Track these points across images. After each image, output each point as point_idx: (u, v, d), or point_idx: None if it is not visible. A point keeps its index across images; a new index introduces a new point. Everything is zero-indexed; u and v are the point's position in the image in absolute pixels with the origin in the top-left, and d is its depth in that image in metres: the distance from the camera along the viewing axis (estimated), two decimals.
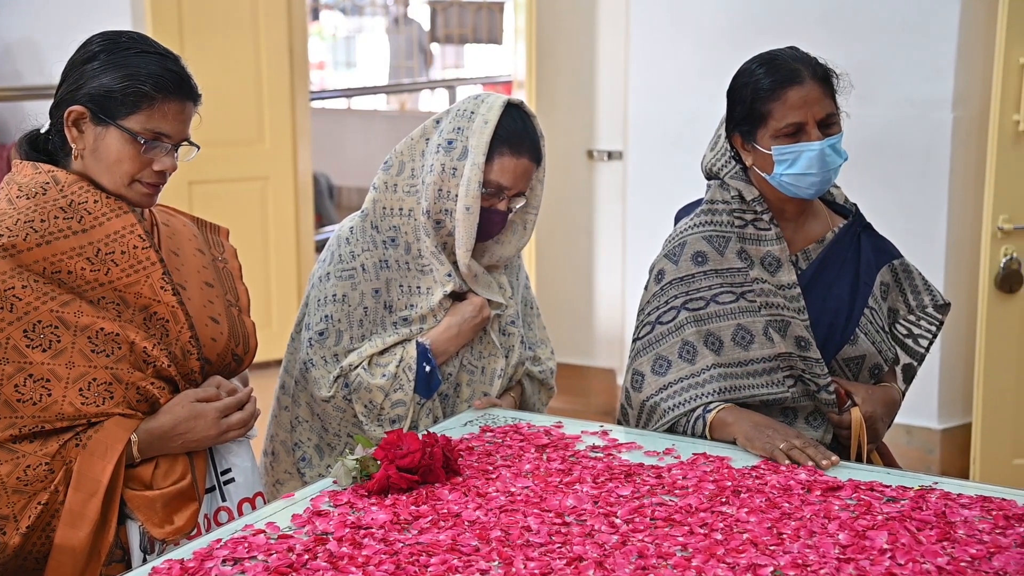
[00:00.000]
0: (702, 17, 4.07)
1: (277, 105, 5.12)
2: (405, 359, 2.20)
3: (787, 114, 2.07)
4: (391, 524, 1.66)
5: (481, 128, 2.15)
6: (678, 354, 2.13)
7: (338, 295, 2.21)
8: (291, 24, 5.09)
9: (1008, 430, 3.64)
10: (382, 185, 2.26)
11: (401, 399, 2.20)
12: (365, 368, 2.19)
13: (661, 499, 1.75)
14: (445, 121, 2.22)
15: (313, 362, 2.21)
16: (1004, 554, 1.53)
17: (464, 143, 2.16)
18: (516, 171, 2.17)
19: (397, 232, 2.24)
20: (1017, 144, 3.48)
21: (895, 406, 2.21)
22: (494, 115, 2.16)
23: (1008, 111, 3.46)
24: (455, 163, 2.17)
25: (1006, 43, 3.42)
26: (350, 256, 2.22)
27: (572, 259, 4.71)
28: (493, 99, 2.20)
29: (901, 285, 2.25)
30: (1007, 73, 3.43)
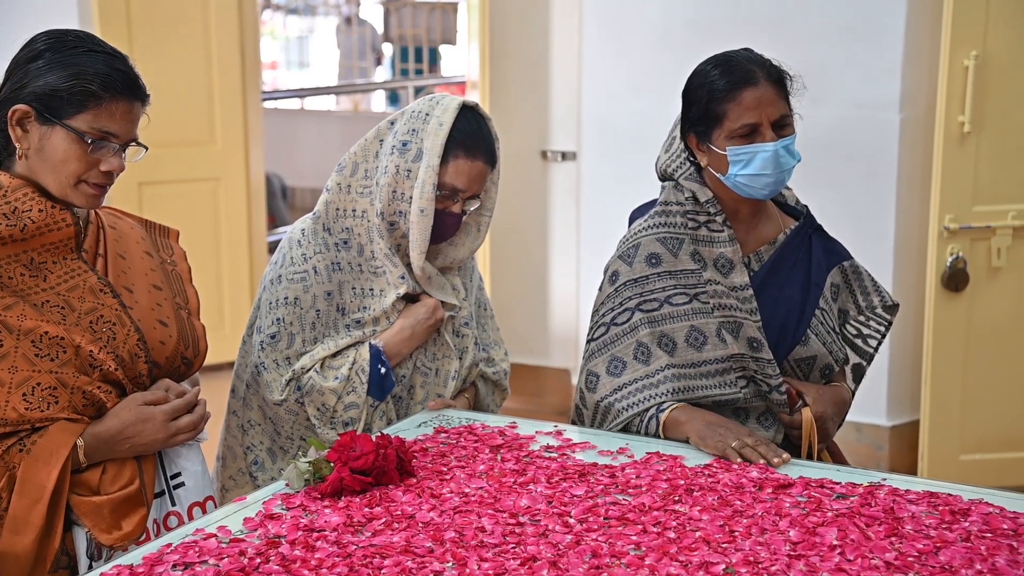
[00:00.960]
0: (655, 18, 4.10)
1: (228, 105, 5.08)
2: (358, 361, 2.19)
3: (742, 115, 2.08)
4: (344, 526, 1.65)
5: (436, 130, 2.14)
6: (632, 355, 2.14)
7: (290, 298, 2.19)
8: (242, 23, 5.05)
9: (955, 426, 3.70)
10: (335, 187, 2.25)
11: (354, 402, 2.19)
12: (317, 371, 2.18)
13: (615, 498, 1.76)
14: (400, 123, 2.21)
15: (265, 365, 2.19)
16: (950, 548, 1.55)
17: (419, 145, 2.16)
18: (471, 173, 2.17)
19: (350, 234, 2.23)
20: (962, 145, 3.54)
21: (845, 406, 2.24)
22: (449, 117, 2.15)
23: (953, 112, 3.51)
24: (409, 165, 2.16)
25: (951, 45, 3.47)
26: (302, 259, 2.21)
27: (526, 259, 4.72)
28: (448, 101, 2.19)
29: (851, 286, 2.28)
30: (952, 75, 3.49)
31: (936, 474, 3.66)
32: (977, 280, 3.62)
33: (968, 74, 3.47)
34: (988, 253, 3.61)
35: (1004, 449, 3.73)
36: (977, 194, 3.58)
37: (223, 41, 5.02)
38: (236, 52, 5.05)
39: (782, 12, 3.85)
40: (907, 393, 3.91)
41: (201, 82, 5.00)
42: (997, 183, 3.58)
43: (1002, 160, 3.57)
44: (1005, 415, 3.72)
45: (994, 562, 1.51)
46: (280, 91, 9.07)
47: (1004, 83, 3.52)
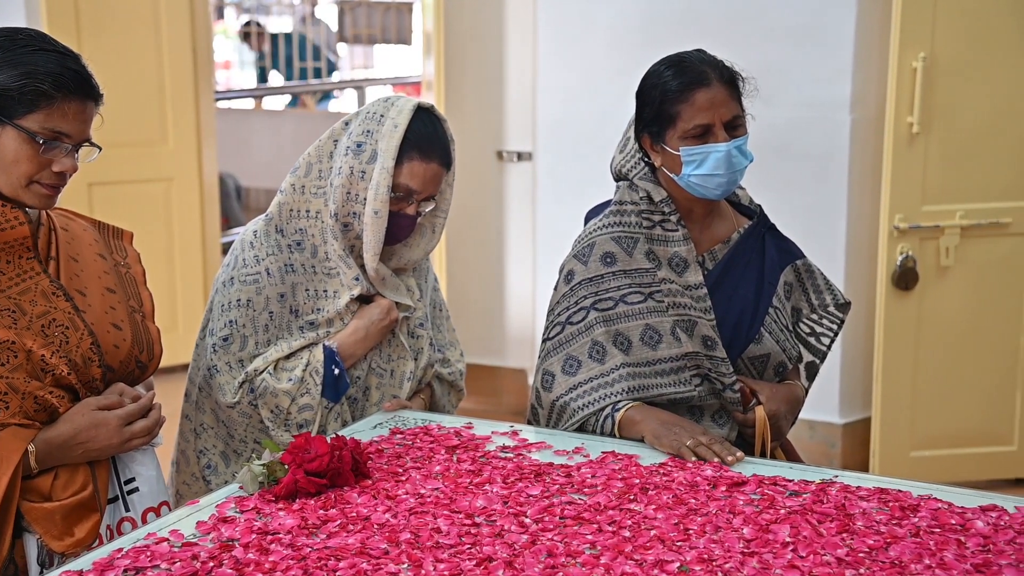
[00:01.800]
0: (609, 19, 4.11)
1: (181, 105, 5.03)
2: (312, 363, 2.18)
3: (695, 116, 2.10)
4: (299, 529, 1.64)
5: (391, 132, 2.14)
6: (588, 354, 2.15)
7: (242, 300, 2.18)
8: (194, 22, 5.00)
9: (905, 423, 3.75)
10: (289, 188, 2.23)
11: (308, 403, 2.18)
12: (271, 373, 2.17)
13: (570, 498, 1.76)
14: (354, 124, 2.20)
15: (217, 368, 2.18)
16: (900, 544, 1.57)
17: (373, 146, 2.15)
18: (425, 176, 2.17)
19: (303, 235, 2.22)
20: (911, 145, 3.59)
21: (798, 404, 2.26)
22: (404, 119, 2.15)
23: (903, 113, 3.56)
24: (364, 166, 2.15)
25: (900, 47, 3.52)
26: (254, 260, 2.20)
27: (482, 260, 4.72)
28: (403, 102, 2.19)
29: (804, 285, 2.30)
30: (901, 76, 3.53)
31: (887, 471, 3.70)
32: (926, 279, 3.67)
33: (916, 75, 3.52)
34: (937, 252, 3.67)
35: (953, 445, 3.79)
36: (926, 194, 3.63)
37: (174, 40, 4.97)
38: (188, 51, 5.00)
39: (735, 14, 3.88)
40: (859, 391, 3.95)
41: (152, 81, 4.94)
42: (945, 183, 3.63)
43: (950, 160, 3.62)
44: (954, 412, 3.77)
45: (942, 557, 1.53)
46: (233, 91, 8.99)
47: (951, 84, 3.57)
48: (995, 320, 3.74)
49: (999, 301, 3.73)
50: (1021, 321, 3.74)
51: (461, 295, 4.73)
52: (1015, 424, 3.79)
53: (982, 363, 3.75)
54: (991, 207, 3.66)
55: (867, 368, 3.87)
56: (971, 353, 3.75)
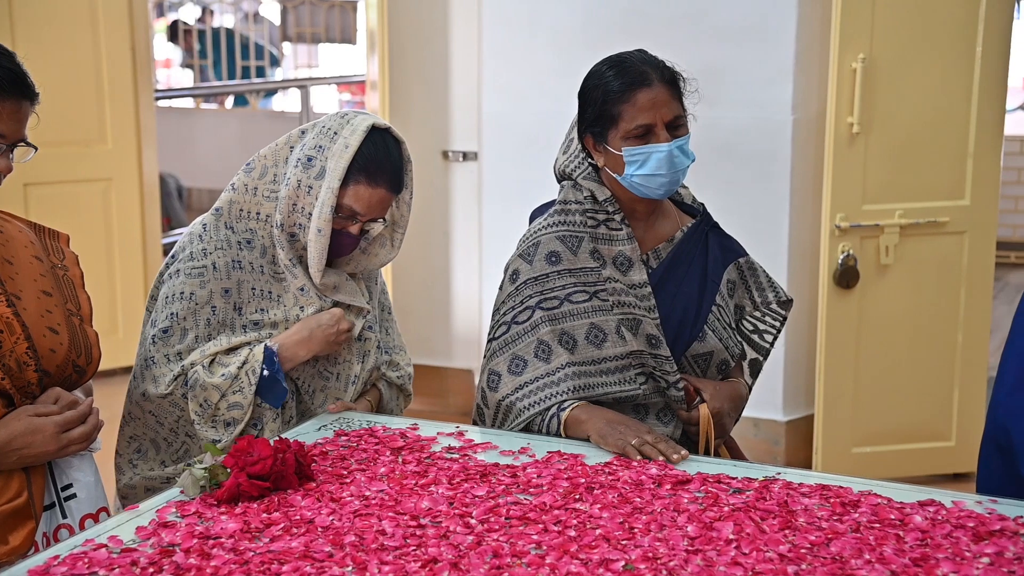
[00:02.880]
0: (553, 19, 4.12)
1: (119, 103, 4.95)
2: (250, 361, 2.14)
3: (636, 116, 2.11)
4: (241, 533, 1.62)
5: (341, 151, 2.12)
6: (534, 353, 2.15)
7: (185, 293, 2.15)
8: (132, 19, 4.92)
9: (847, 420, 3.80)
10: (241, 187, 2.21)
11: (239, 402, 2.14)
12: (204, 367, 2.13)
13: (516, 498, 1.76)
14: (309, 135, 2.18)
15: (154, 359, 2.14)
16: (841, 539, 1.59)
17: (323, 163, 2.13)
18: (371, 200, 2.15)
19: (253, 235, 2.20)
20: (851, 146, 3.64)
21: (742, 401, 2.28)
22: (356, 140, 2.12)
23: (843, 114, 3.61)
24: (311, 181, 2.14)
25: (840, 49, 3.57)
26: (201, 253, 2.17)
27: (429, 260, 4.70)
28: (359, 121, 2.15)
29: (747, 283, 2.32)
30: (841, 77, 3.58)
31: (830, 467, 3.75)
32: (867, 277, 3.72)
33: (856, 77, 3.57)
34: (877, 251, 3.72)
35: (893, 441, 3.85)
36: (866, 193, 3.68)
37: (112, 37, 4.89)
38: (126, 49, 4.93)
39: (678, 15, 3.91)
40: (802, 388, 4.00)
41: (90, 79, 4.86)
42: (885, 183, 3.69)
43: (889, 160, 3.67)
44: (894, 409, 3.83)
45: (882, 552, 1.55)
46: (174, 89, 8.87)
47: (890, 85, 3.62)
48: (933, 318, 3.80)
49: (937, 299, 3.79)
50: (958, 319, 3.81)
51: (407, 295, 4.71)
52: (953, 420, 3.85)
53: (921, 360, 3.82)
54: (929, 206, 3.72)
55: (810, 366, 3.91)
56: (910, 350, 3.81)
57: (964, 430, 3.81)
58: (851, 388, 3.78)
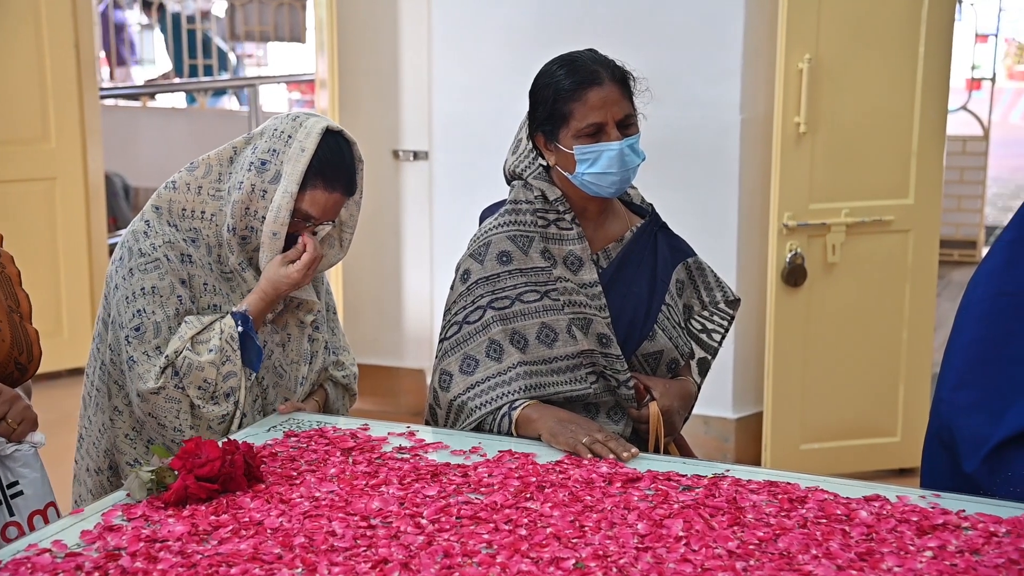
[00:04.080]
0: (503, 18, 4.12)
1: (63, 101, 4.87)
2: (225, 330, 2.14)
3: (587, 114, 2.12)
4: (189, 535, 1.60)
5: (297, 155, 2.11)
6: (485, 353, 2.15)
7: (147, 287, 2.12)
8: (76, 16, 4.84)
9: (796, 417, 3.84)
10: (183, 185, 2.19)
11: (232, 371, 2.14)
12: (190, 349, 2.12)
13: (467, 498, 1.76)
14: (261, 140, 2.17)
15: (135, 359, 2.11)
16: (788, 535, 1.61)
17: (278, 167, 2.13)
18: (327, 204, 2.16)
19: (198, 234, 2.19)
20: (798, 145, 3.68)
21: (691, 399, 2.29)
22: (311, 143, 2.12)
23: (790, 114, 3.65)
24: (265, 185, 2.13)
25: (786, 49, 3.60)
26: (151, 248, 2.14)
27: (380, 260, 4.68)
28: (312, 123, 2.15)
29: (695, 282, 2.34)
30: (788, 77, 3.62)
31: (778, 464, 3.79)
32: (814, 275, 3.77)
33: (802, 77, 3.61)
34: (824, 249, 3.76)
35: (841, 438, 3.89)
36: (813, 192, 3.72)
37: (56, 35, 4.81)
38: (70, 46, 4.85)
39: (627, 15, 3.93)
40: (751, 386, 4.03)
41: (33, 77, 4.78)
42: (831, 182, 3.73)
43: (835, 160, 3.72)
44: (841, 405, 3.88)
45: (828, 547, 1.57)
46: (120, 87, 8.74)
47: (835, 86, 3.67)
48: (879, 315, 3.86)
49: (882, 296, 3.85)
50: (903, 316, 3.87)
51: (358, 296, 4.69)
52: (898, 416, 3.91)
53: (867, 357, 3.87)
54: (874, 205, 3.77)
55: (759, 363, 3.95)
56: (857, 347, 3.86)
57: (909, 426, 3.87)
58: (799, 385, 3.82)
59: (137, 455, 2.20)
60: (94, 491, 2.24)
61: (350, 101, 4.52)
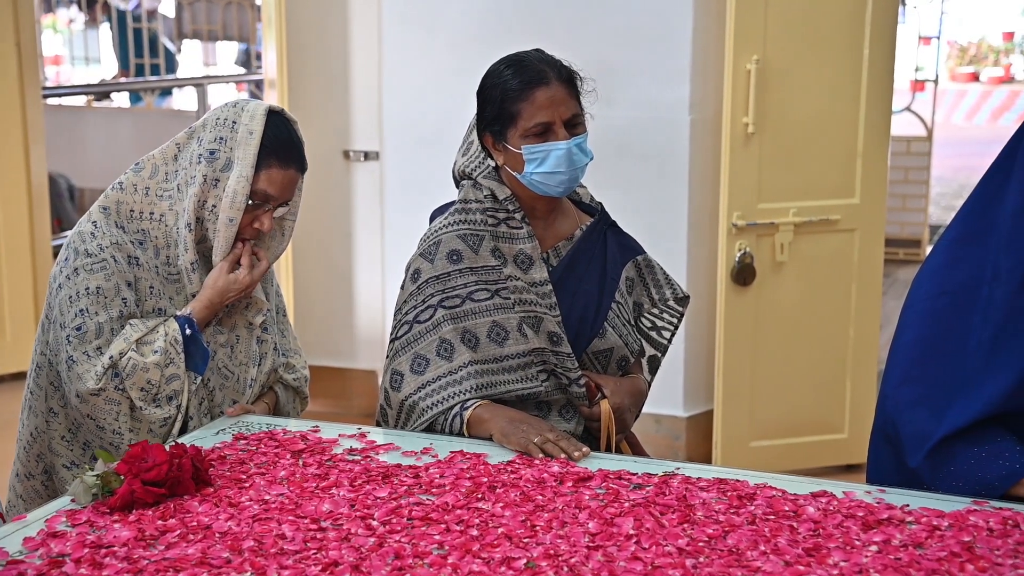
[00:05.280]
0: (453, 18, 4.12)
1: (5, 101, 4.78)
2: (170, 332, 2.12)
3: (535, 114, 2.12)
4: (135, 541, 1.58)
5: (246, 139, 2.11)
6: (436, 352, 2.15)
7: (91, 288, 2.10)
8: (17, 14, 4.76)
9: (745, 415, 3.88)
10: (131, 186, 2.17)
11: (175, 373, 2.12)
12: (135, 350, 2.09)
13: (419, 499, 1.76)
14: (204, 132, 2.16)
15: (74, 359, 2.08)
16: (737, 532, 1.62)
17: (228, 154, 2.12)
18: (284, 182, 2.15)
19: (145, 236, 2.17)
20: (747, 145, 3.72)
21: (642, 397, 2.31)
22: (258, 124, 2.12)
23: (738, 114, 3.68)
24: (217, 174, 2.12)
25: (734, 50, 3.64)
26: (98, 249, 2.12)
27: (330, 260, 4.65)
28: (253, 107, 2.15)
29: (645, 280, 2.35)
30: (736, 78, 3.65)
31: (729, 461, 3.82)
32: (763, 274, 3.81)
33: (750, 78, 3.64)
34: (772, 248, 3.80)
35: (789, 435, 3.94)
36: (762, 192, 3.76)
37: None
38: (11, 44, 4.76)
39: (576, 16, 3.94)
40: (702, 384, 4.06)
41: None
42: (779, 182, 3.77)
43: (783, 160, 3.76)
44: (790, 403, 3.92)
45: (776, 543, 1.59)
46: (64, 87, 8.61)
47: (783, 87, 3.71)
48: (826, 313, 3.90)
49: (829, 295, 3.90)
50: (850, 314, 3.92)
51: (309, 296, 4.65)
52: (845, 413, 3.96)
53: (815, 355, 3.91)
54: (821, 204, 3.82)
55: (709, 362, 3.98)
56: (805, 345, 3.90)
57: (856, 422, 3.92)
58: (748, 383, 3.86)
59: (73, 457, 2.17)
60: (24, 496, 2.21)
61: (300, 101, 4.49)
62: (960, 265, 1.92)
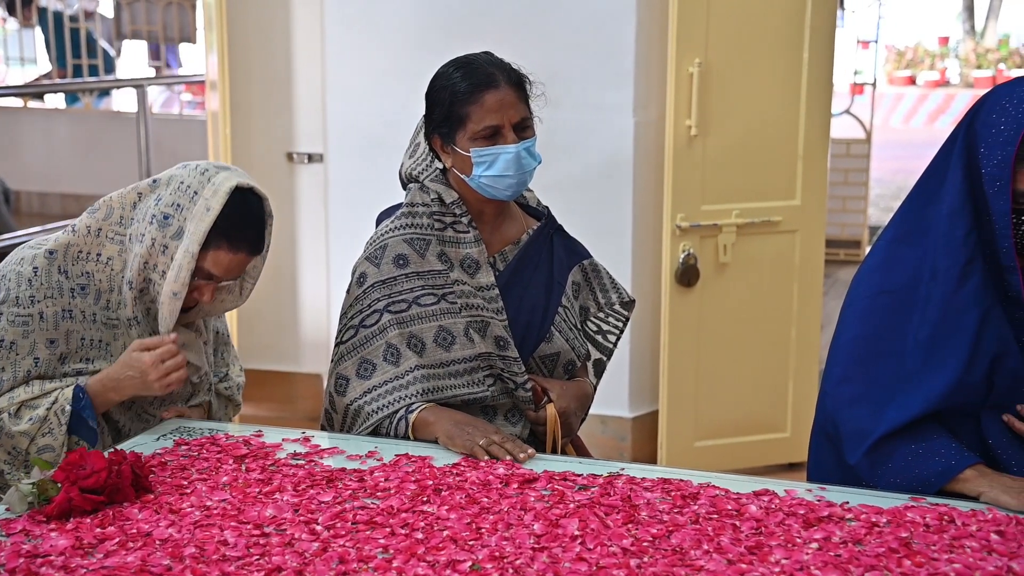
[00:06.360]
0: (397, 21, 4.10)
1: None
2: (60, 401, 2.03)
3: (484, 117, 2.12)
4: (73, 549, 1.56)
5: (202, 215, 2.01)
6: (382, 356, 2.14)
7: (6, 341, 2.02)
8: None
9: (690, 415, 3.91)
10: (83, 228, 2.09)
11: (49, 444, 2.03)
12: (11, 414, 2.01)
13: (363, 503, 1.75)
14: (165, 190, 2.06)
15: None
16: (681, 531, 1.63)
17: (181, 223, 2.03)
18: (230, 265, 2.07)
19: (89, 279, 2.09)
20: (690, 147, 3.75)
21: (588, 400, 2.31)
22: (217, 202, 2.01)
23: (681, 117, 3.71)
24: (167, 240, 2.03)
25: (677, 54, 3.67)
26: (29, 300, 2.04)
27: (275, 264, 4.61)
28: (220, 180, 2.04)
29: (591, 284, 2.36)
30: (679, 81, 3.68)
31: (674, 461, 3.85)
32: (707, 275, 3.84)
33: (693, 81, 3.67)
34: (716, 250, 3.84)
35: (733, 434, 3.97)
36: (705, 194, 3.79)
37: None
38: None
39: (521, 19, 3.94)
40: (647, 385, 4.09)
41: None
42: (722, 184, 3.81)
43: (725, 162, 3.80)
44: (734, 402, 3.96)
45: (719, 541, 1.60)
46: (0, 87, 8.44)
47: (724, 89, 3.75)
48: (769, 313, 3.95)
49: (772, 295, 3.94)
50: (791, 314, 3.97)
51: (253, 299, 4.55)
52: (788, 412, 4.01)
53: (758, 355, 3.96)
54: (763, 206, 3.86)
55: (654, 363, 4.01)
56: (748, 345, 3.94)
57: (798, 421, 3.97)
58: (693, 384, 3.89)
59: None
60: None
61: (242, 103, 4.44)
62: (898, 265, 1.95)
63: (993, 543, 1.60)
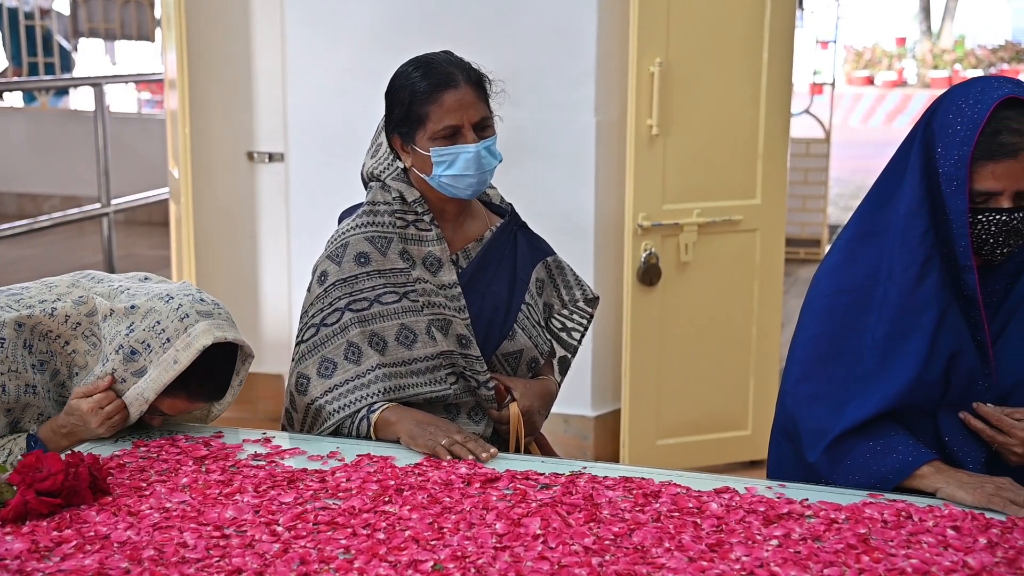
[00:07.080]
0: (358, 19, 4.08)
1: None
2: (14, 451, 2.01)
3: (444, 117, 2.11)
4: (29, 553, 1.54)
5: (168, 365, 1.96)
6: (343, 355, 2.13)
7: None
8: None
9: (652, 413, 3.93)
10: (62, 315, 2.04)
11: None
12: None
13: (325, 503, 1.74)
14: (142, 322, 1.98)
15: None
16: (643, 529, 1.64)
17: (146, 364, 1.97)
18: (185, 409, 2.05)
19: (50, 358, 2.05)
20: (651, 147, 3.76)
21: (551, 398, 2.32)
22: (186, 359, 1.95)
23: (643, 116, 3.73)
24: (127, 375, 1.98)
25: (638, 53, 3.68)
26: None
27: (235, 263, 4.58)
28: (196, 335, 1.96)
29: (555, 281, 2.36)
30: (640, 81, 3.70)
31: (636, 460, 3.86)
32: (668, 274, 3.86)
33: (654, 80, 3.69)
34: (677, 249, 3.86)
35: (695, 432, 4.00)
36: (666, 193, 3.81)
37: None
38: None
39: (482, 18, 3.94)
40: (610, 384, 4.10)
41: None
42: (683, 183, 3.83)
43: (686, 161, 3.82)
44: (695, 400, 3.98)
45: (680, 539, 1.61)
46: None
47: (685, 89, 3.77)
48: (729, 312, 3.97)
49: (732, 294, 3.97)
50: (752, 312, 4.00)
51: None
52: (749, 410, 4.04)
53: (719, 353, 3.98)
54: (724, 205, 3.89)
55: (617, 361, 4.02)
56: (709, 344, 3.97)
57: (759, 419, 4.00)
58: (655, 382, 3.91)
59: None
60: None
61: (202, 102, 4.40)
62: (857, 264, 1.97)
63: (949, 538, 1.63)
